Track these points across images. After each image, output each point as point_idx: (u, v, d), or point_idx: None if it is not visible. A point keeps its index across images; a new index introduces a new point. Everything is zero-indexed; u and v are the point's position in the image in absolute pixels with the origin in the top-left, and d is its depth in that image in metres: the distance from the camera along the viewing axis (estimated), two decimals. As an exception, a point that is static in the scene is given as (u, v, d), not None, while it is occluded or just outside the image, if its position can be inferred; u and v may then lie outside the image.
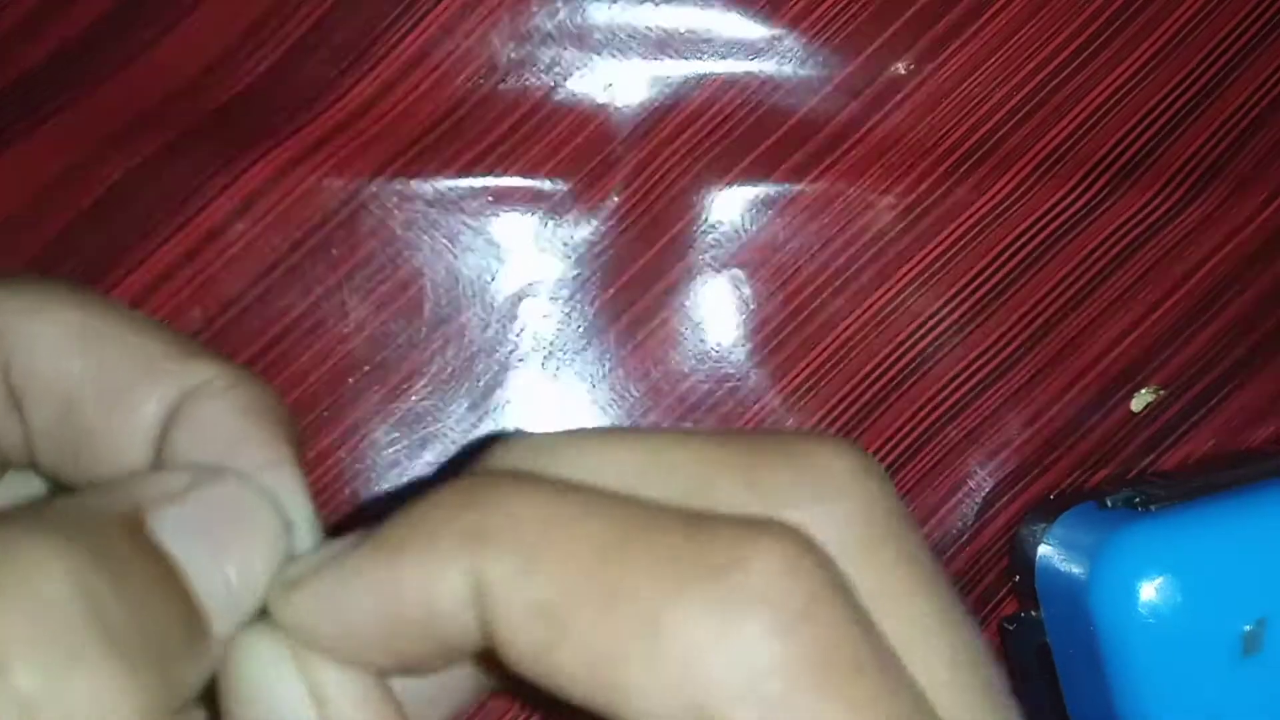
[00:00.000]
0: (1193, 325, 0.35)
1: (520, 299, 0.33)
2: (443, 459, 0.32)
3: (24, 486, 0.20)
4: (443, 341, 0.32)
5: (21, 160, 0.31)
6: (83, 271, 0.31)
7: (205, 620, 0.16)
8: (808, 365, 0.33)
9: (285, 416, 0.18)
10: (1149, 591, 0.29)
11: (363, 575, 0.16)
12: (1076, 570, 0.30)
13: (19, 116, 0.32)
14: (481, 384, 0.32)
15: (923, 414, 0.34)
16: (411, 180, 0.32)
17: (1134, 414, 0.34)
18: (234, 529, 0.16)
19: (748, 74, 0.33)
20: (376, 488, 0.32)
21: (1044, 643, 0.32)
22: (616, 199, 0.33)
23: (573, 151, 0.33)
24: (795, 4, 0.33)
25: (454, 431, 0.32)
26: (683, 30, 0.33)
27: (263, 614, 0.16)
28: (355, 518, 0.32)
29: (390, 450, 0.32)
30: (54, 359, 0.18)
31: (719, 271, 0.33)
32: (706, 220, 0.33)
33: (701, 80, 0.33)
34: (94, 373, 0.18)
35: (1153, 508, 0.30)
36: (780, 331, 0.33)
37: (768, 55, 0.33)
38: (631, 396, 0.33)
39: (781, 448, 0.16)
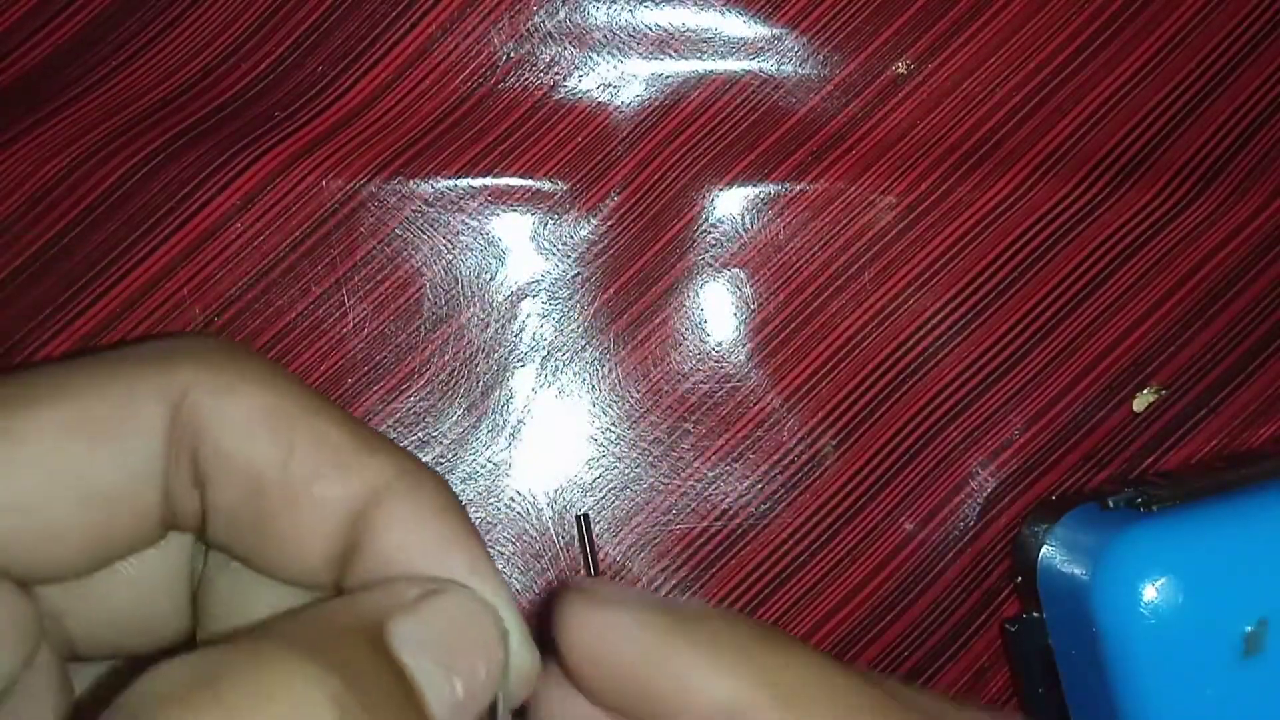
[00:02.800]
0: (1194, 325, 0.34)
1: (520, 299, 0.33)
2: (442, 459, 0.32)
3: (180, 549, 0.20)
4: (442, 341, 0.32)
5: (21, 160, 0.31)
6: (83, 271, 0.31)
7: None
8: (808, 365, 0.33)
9: (461, 506, 0.19)
10: (1151, 592, 0.29)
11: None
12: (1078, 571, 0.30)
13: (19, 116, 0.32)
14: (481, 384, 0.32)
15: (924, 414, 0.34)
16: (411, 180, 0.32)
17: (1135, 414, 0.34)
18: (462, 640, 0.17)
19: (748, 74, 0.33)
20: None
21: (1046, 644, 0.31)
22: (616, 199, 0.33)
23: (572, 151, 0.33)
24: (795, 4, 0.33)
25: (453, 432, 0.32)
26: (683, 30, 0.33)
27: None
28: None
29: (389, 450, 0.32)
30: (243, 443, 0.18)
31: (719, 271, 0.33)
32: (706, 220, 0.33)
33: (701, 80, 0.33)
34: (282, 459, 0.18)
35: (1154, 508, 0.30)
36: (780, 331, 0.33)
37: (768, 55, 0.33)
38: (631, 397, 0.33)
39: None
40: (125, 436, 0.18)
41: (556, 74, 0.33)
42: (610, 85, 0.33)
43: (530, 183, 0.33)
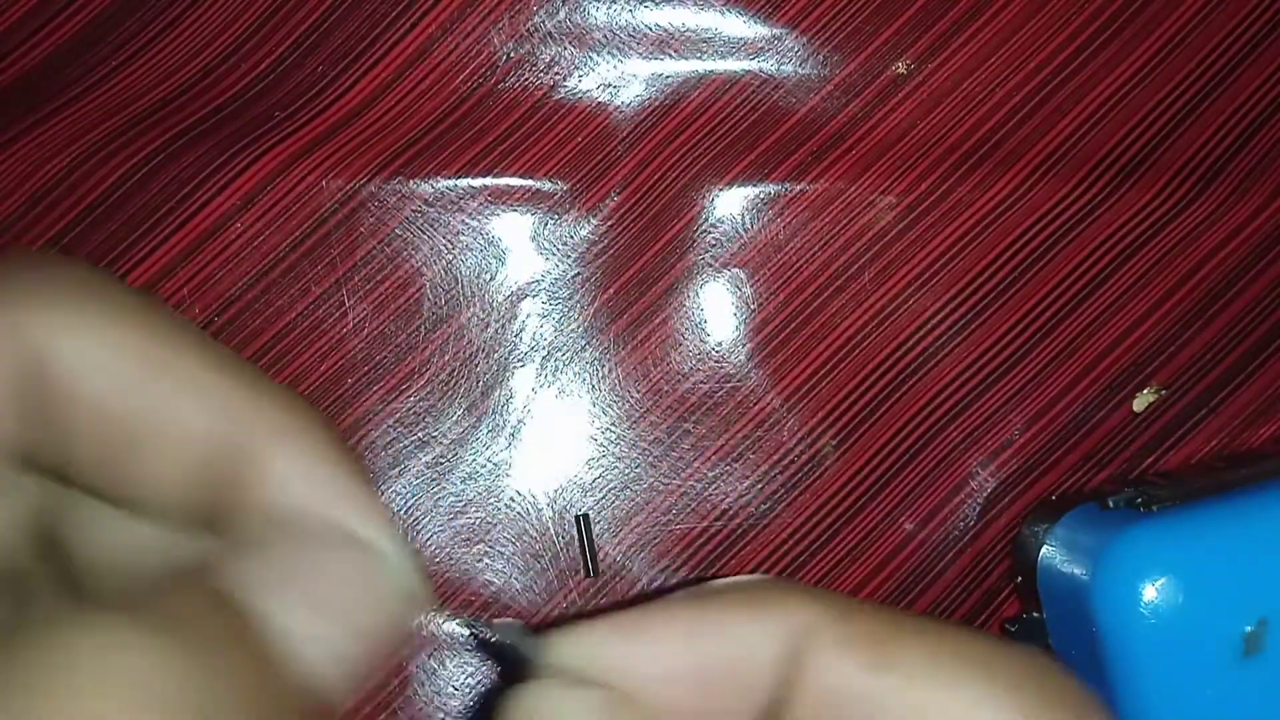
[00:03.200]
0: (1194, 325, 0.34)
1: (519, 299, 0.33)
2: (442, 459, 0.32)
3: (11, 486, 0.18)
4: (442, 341, 0.32)
5: (22, 160, 0.31)
6: (82, 271, 0.31)
7: (318, 685, 0.16)
8: (808, 365, 0.33)
9: (346, 447, 0.18)
10: (1150, 592, 0.29)
11: (668, 627, 0.17)
12: (1078, 571, 0.30)
13: (20, 116, 0.32)
14: (480, 384, 0.32)
15: (924, 414, 0.34)
16: (411, 180, 0.32)
17: (1135, 414, 0.34)
18: (343, 588, 0.16)
19: (748, 74, 0.33)
20: (376, 488, 0.32)
21: (1046, 644, 0.31)
22: (616, 199, 0.33)
23: (572, 151, 0.33)
24: (795, 4, 0.33)
25: (453, 432, 0.32)
26: (683, 30, 0.33)
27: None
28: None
29: (389, 450, 0.32)
30: (109, 385, 0.17)
31: (719, 271, 0.33)
32: (706, 220, 0.33)
33: (701, 80, 0.33)
34: (150, 400, 0.17)
35: (1154, 508, 0.30)
36: (780, 331, 0.33)
37: (768, 55, 0.33)
38: (631, 397, 0.33)
39: None
40: None
41: (556, 74, 0.33)
42: (610, 85, 0.33)
43: (530, 183, 0.33)
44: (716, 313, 0.33)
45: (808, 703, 0.17)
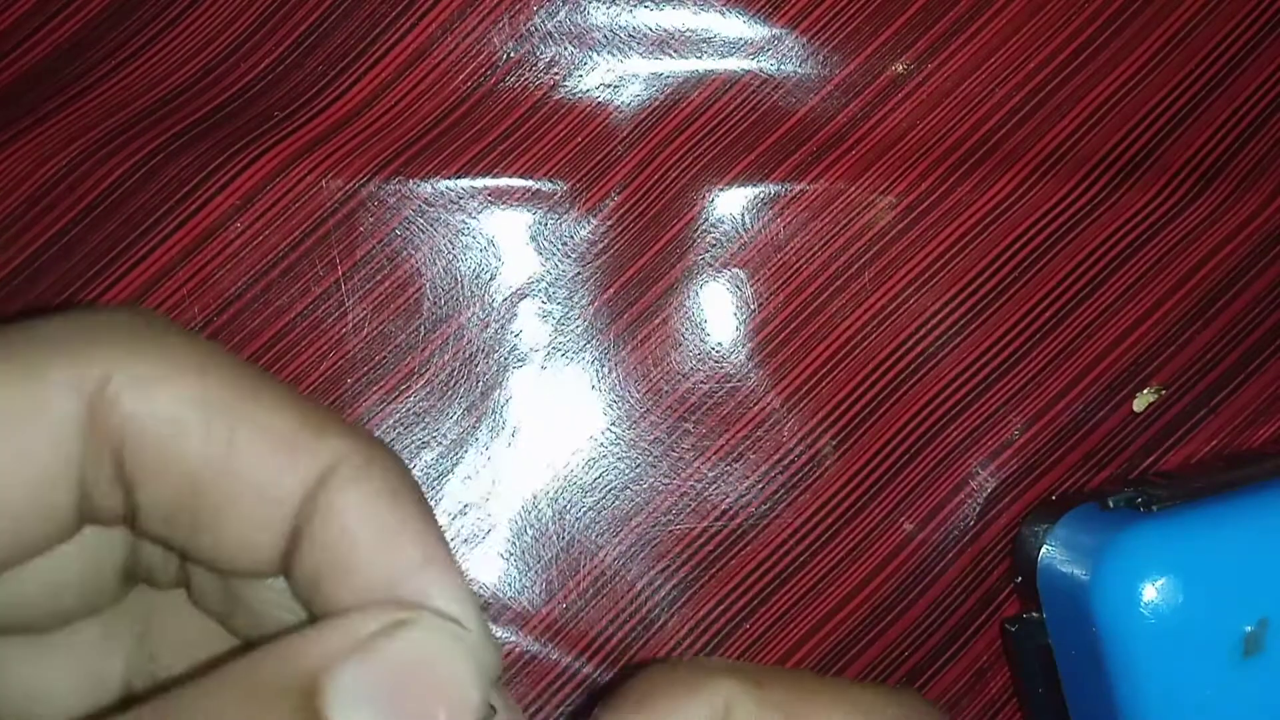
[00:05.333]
0: (1194, 325, 0.34)
1: (519, 299, 0.33)
2: (442, 460, 0.32)
3: (104, 542, 0.18)
4: (442, 341, 0.32)
5: (21, 159, 0.31)
6: (82, 270, 0.31)
7: None
8: (808, 365, 0.33)
9: (416, 488, 0.18)
10: (1151, 592, 0.29)
11: None
12: (1078, 571, 0.30)
13: (19, 115, 0.32)
14: (480, 384, 0.32)
15: (924, 414, 0.34)
16: (410, 180, 0.32)
17: (1136, 414, 0.34)
18: (418, 685, 0.15)
19: (748, 74, 0.33)
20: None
21: (1046, 644, 0.31)
22: (616, 199, 0.33)
23: (572, 151, 0.33)
24: (795, 4, 0.33)
25: (453, 432, 0.32)
26: (683, 30, 0.33)
27: None
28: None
29: (389, 450, 0.32)
30: (172, 438, 0.16)
31: (719, 271, 0.33)
32: (706, 220, 0.33)
33: (701, 80, 0.33)
34: (220, 454, 0.16)
35: (1155, 508, 0.30)
36: (780, 331, 0.33)
37: (768, 55, 0.33)
38: (631, 397, 0.33)
39: None
40: (34, 439, 0.16)
41: (556, 74, 0.33)
42: (610, 85, 0.33)
43: (530, 183, 0.33)
44: (716, 313, 0.33)
45: None
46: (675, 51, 0.33)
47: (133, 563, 0.19)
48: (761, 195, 0.33)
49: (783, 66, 0.33)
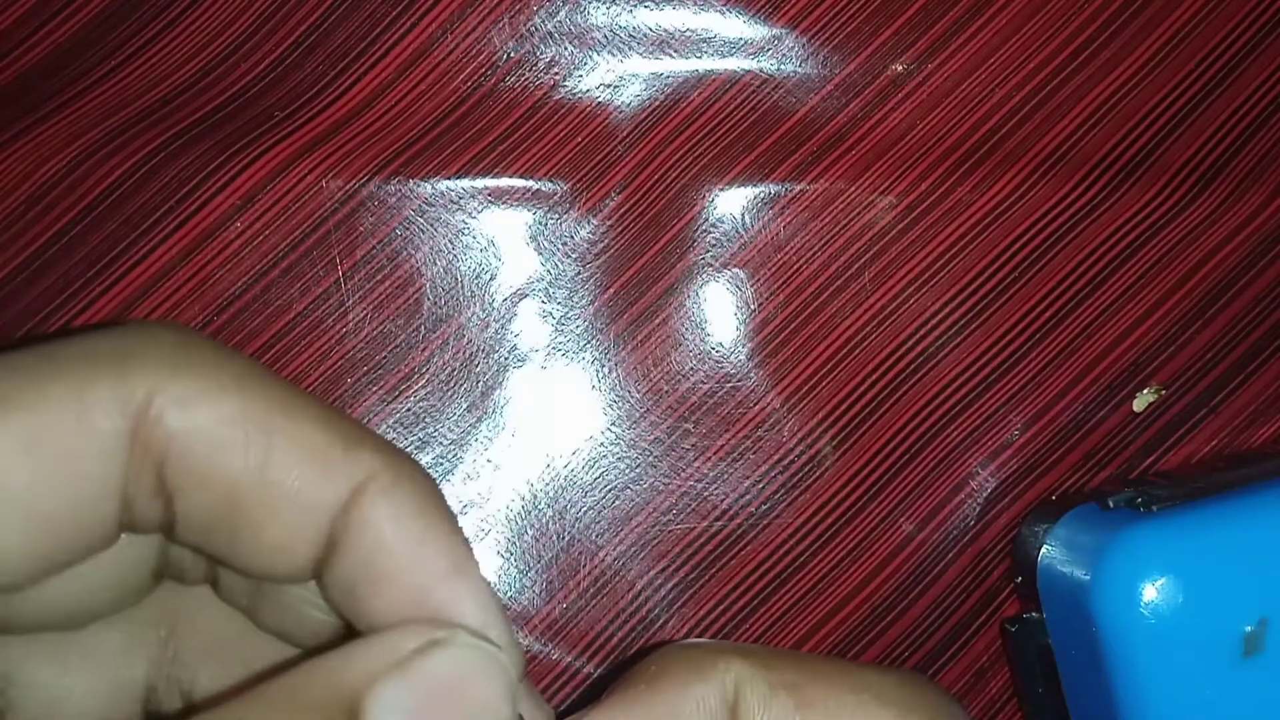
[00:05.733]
0: (1194, 325, 0.34)
1: (519, 299, 0.33)
2: (442, 460, 0.32)
3: (138, 546, 0.19)
4: (442, 341, 0.32)
5: (21, 159, 0.31)
6: (82, 270, 0.31)
7: None
8: (808, 365, 0.33)
9: (443, 501, 0.19)
10: (1151, 592, 0.29)
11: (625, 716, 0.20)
12: (1078, 571, 0.30)
13: (19, 116, 0.32)
14: (480, 384, 0.32)
15: (924, 415, 0.34)
16: (411, 180, 0.32)
17: (1135, 414, 0.34)
18: (457, 701, 0.16)
19: (748, 74, 0.33)
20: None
21: (1046, 644, 0.31)
22: (616, 199, 0.33)
23: (572, 151, 0.33)
24: (795, 4, 0.33)
25: (453, 432, 0.32)
26: (683, 30, 0.33)
27: None
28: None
29: (389, 450, 0.32)
30: (215, 453, 0.17)
31: (719, 271, 0.33)
32: (706, 220, 0.33)
33: (701, 80, 0.33)
34: (258, 467, 0.17)
35: (1154, 508, 0.30)
36: (780, 331, 0.33)
37: (768, 55, 0.33)
38: (631, 397, 0.33)
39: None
40: (80, 457, 0.17)
41: (556, 74, 0.33)
42: (610, 85, 0.33)
43: (530, 183, 0.33)
44: (716, 313, 0.33)
45: None
46: (675, 51, 0.33)
47: (163, 562, 0.20)
48: (761, 195, 0.33)
49: (783, 66, 0.33)
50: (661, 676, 0.20)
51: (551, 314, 0.33)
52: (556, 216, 0.33)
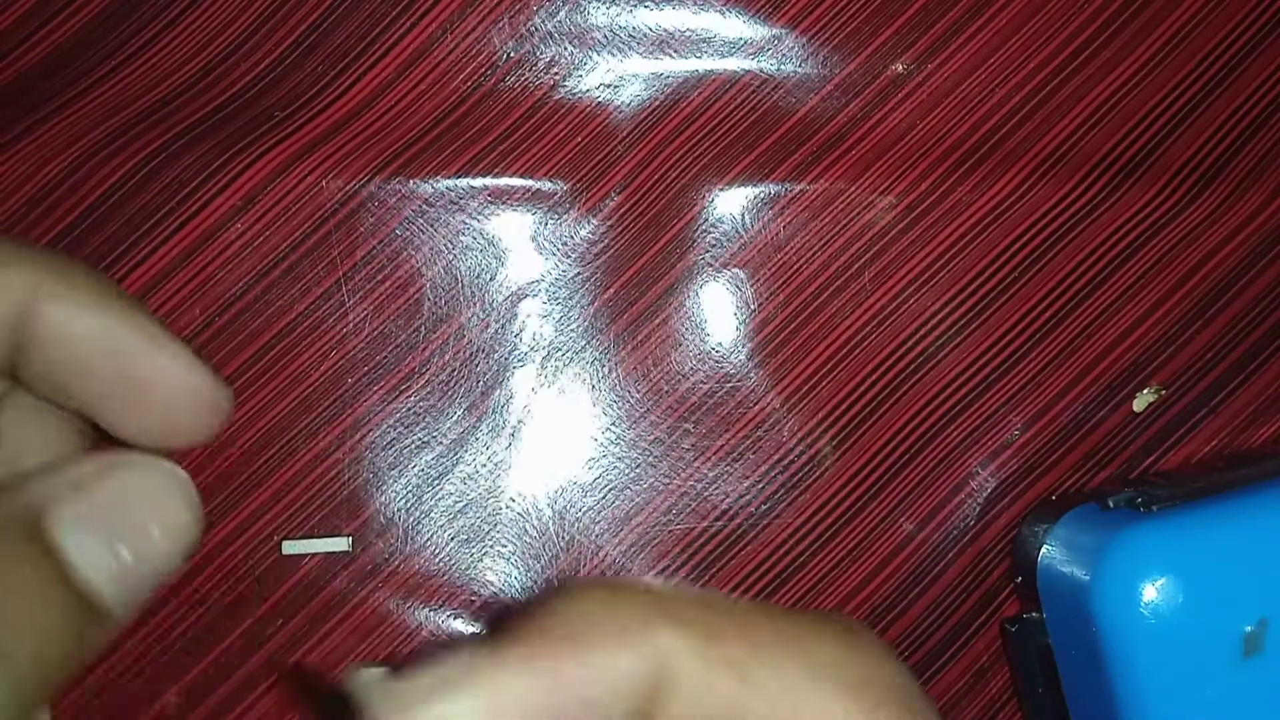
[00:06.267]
0: (1194, 325, 0.34)
1: (519, 299, 0.33)
2: (442, 459, 0.32)
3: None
4: (442, 341, 0.32)
5: (22, 160, 0.31)
6: (82, 271, 0.31)
7: (98, 603, 0.18)
8: (808, 365, 0.33)
9: (120, 292, 0.21)
10: (1150, 592, 0.29)
11: (527, 673, 0.16)
12: (1078, 571, 0.30)
13: (19, 116, 0.32)
14: (480, 384, 0.32)
15: (924, 414, 0.34)
16: (411, 180, 0.32)
17: (1136, 414, 0.34)
18: (132, 507, 0.19)
19: (748, 74, 0.33)
20: (376, 488, 0.32)
21: (1046, 644, 0.31)
22: (616, 199, 0.33)
23: (572, 151, 0.33)
24: (795, 4, 0.33)
25: (453, 432, 0.32)
26: (683, 30, 0.33)
27: None
28: (357, 519, 0.32)
29: (390, 450, 0.32)
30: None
31: (719, 271, 0.33)
32: (706, 220, 0.33)
33: (701, 80, 0.33)
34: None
35: (1154, 508, 0.30)
36: (780, 331, 0.33)
37: (768, 55, 0.33)
38: (631, 397, 0.33)
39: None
40: None
41: (556, 74, 0.33)
42: (610, 85, 0.33)
43: (530, 183, 0.33)
44: (716, 313, 0.33)
45: None
46: (675, 51, 0.33)
47: None
48: (761, 195, 0.33)
49: (783, 66, 0.33)
50: (575, 634, 0.17)
51: (551, 314, 0.33)
52: (556, 216, 0.33)
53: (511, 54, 0.32)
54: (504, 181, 0.32)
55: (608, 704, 0.17)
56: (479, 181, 0.32)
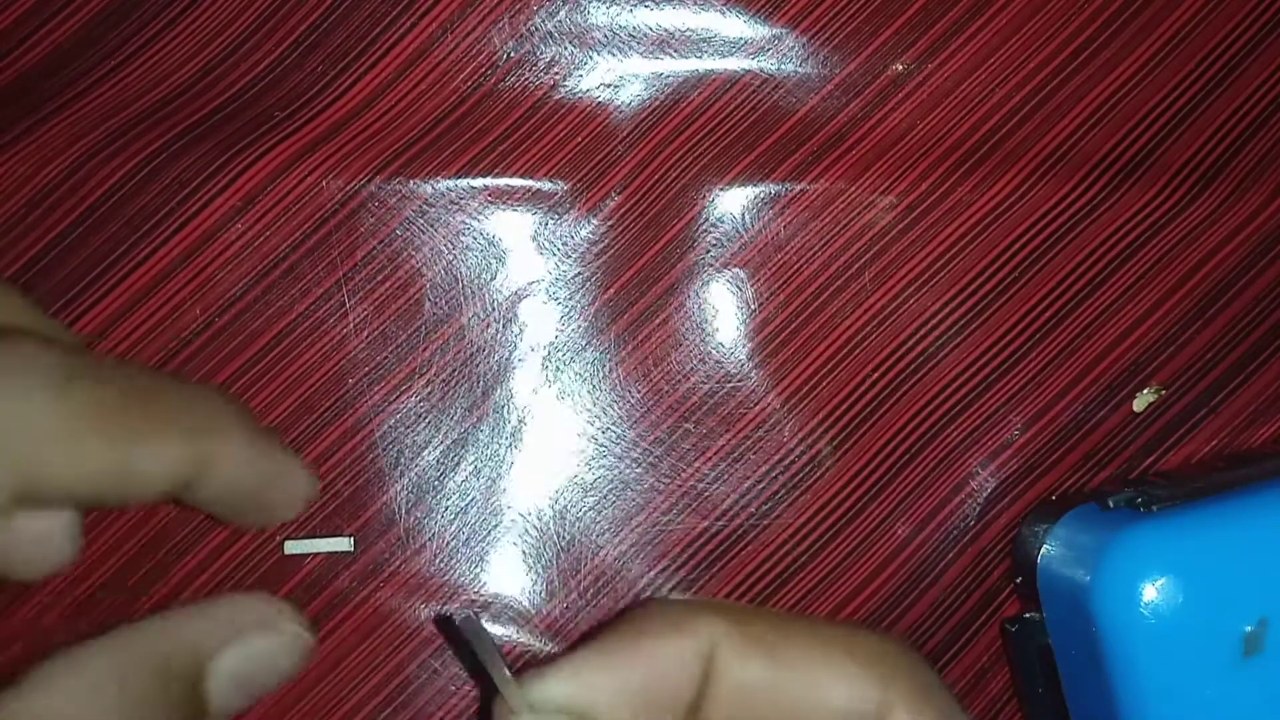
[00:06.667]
0: (1194, 325, 0.34)
1: (520, 299, 0.33)
2: (443, 460, 0.32)
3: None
4: (442, 341, 0.32)
5: (21, 160, 0.31)
6: (83, 273, 0.31)
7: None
8: (808, 365, 0.33)
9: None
10: (1150, 592, 0.29)
11: (608, 660, 0.22)
12: (1078, 571, 0.30)
13: (19, 116, 0.32)
14: (481, 384, 0.32)
15: (924, 415, 0.34)
16: (411, 180, 0.32)
17: (1136, 414, 0.34)
18: (270, 675, 0.24)
19: (748, 74, 0.33)
20: (378, 489, 0.32)
21: (1046, 644, 0.31)
22: (616, 199, 0.33)
23: (572, 151, 0.33)
24: (795, 4, 0.33)
25: (454, 432, 0.32)
26: (683, 30, 0.33)
27: None
28: (356, 521, 0.32)
29: (390, 450, 0.32)
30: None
31: (719, 271, 0.33)
32: (707, 220, 0.33)
33: (701, 80, 0.33)
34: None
35: (1154, 508, 0.30)
36: (780, 331, 0.33)
37: (768, 55, 0.33)
38: (632, 397, 0.33)
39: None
40: None
41: (556, 74, 0.33)
42: (610, 85, 0.33)
43: (530, 183, 0.33)
44: (717, 313, 0.33)
45: (722, 696, 0.22)
46: (675, 51, 0.33)
47: None
48: (761, 195, 0.33)
49: (783, 66, 0.33)
50: (641, 630, 0.22)
51: (551, 314, 0.33)
52: (556, 216, 0.33)
53: (511, 54, 0.32)
54: (504, 181, 0.32)
55: (675, 681, 0.21)
56: (479, 182, 0.32)
